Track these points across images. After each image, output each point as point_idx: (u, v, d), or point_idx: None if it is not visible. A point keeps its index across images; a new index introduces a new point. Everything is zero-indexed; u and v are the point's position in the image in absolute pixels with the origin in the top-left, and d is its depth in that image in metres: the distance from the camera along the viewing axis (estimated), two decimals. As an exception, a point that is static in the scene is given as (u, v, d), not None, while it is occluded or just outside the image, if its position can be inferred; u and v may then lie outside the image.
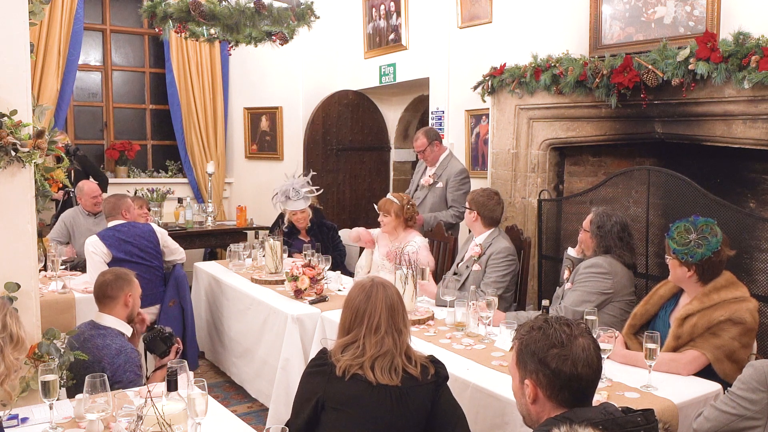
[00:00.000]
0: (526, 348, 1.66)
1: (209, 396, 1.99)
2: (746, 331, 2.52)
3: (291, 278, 3.74)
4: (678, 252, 2.60)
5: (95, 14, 6.81)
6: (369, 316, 2.15)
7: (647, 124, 3.83)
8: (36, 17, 2.71)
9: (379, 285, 2.21)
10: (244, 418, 2.47)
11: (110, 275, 2.92)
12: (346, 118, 7.05)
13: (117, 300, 2.85)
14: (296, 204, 4.82)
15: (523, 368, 1.67)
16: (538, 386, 1.64)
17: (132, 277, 2.95)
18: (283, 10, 4.50)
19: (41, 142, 2.50)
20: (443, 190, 4.72)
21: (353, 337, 2.15)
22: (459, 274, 3.84)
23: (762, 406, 1.99)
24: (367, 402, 2.07)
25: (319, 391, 2.10)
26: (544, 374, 1.62)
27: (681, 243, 2.61)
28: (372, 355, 2.10)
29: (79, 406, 2.11)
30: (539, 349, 1.64)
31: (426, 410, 2.13)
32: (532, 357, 1.65)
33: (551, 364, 1.62)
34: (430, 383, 2.13)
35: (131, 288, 2.90)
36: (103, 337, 2.74)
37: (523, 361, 1.67)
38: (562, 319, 1.70)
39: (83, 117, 6.90)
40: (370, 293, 2.18)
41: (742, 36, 3.19)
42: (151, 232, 4.15)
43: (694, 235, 2.60)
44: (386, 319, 2.14)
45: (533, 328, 1.69)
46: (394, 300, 2.19)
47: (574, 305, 3.03)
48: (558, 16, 4.38)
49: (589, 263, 3.14)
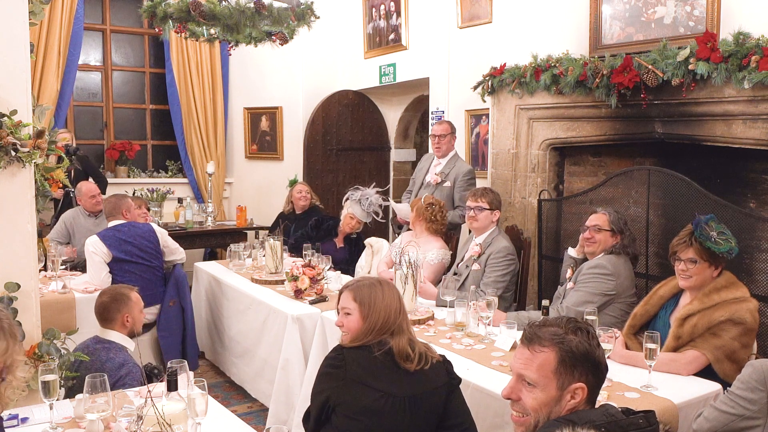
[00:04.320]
0: (576, 350, 1.58)
1: (209, 396, 1.99)
2: (746, 332, 2.52)
3: (291, 278, 3.74)
4: (720, 250, 2.57)
5: (95, 14, 6.82)
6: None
7: (647, 124, 3.83)
8: (36, 17, 2.71)
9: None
10: (244, 418, 2.47)
11: (107, 297, 2.97)
12: (346, 118, 7.05)
13: (116, 321, 2.92)
14: (359, 212, 4.88)
15: (570, 374, 1.58)
16: (588, 388, 1.59)
17: (130, 295, 2.98)
18: (283, 10, 4.50)
19: (41, 142, 2.50)
20: (451, 189, 4.71)
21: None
22: (459, 274, 3.84)
23: (761, 406, 1.99)
24: (380, 412, 2.06)
25: (330, 394, 2.10)
26: (594, 374, 1.59)
27: (717, 240, 2.58)
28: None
29: (79, 406, 2.11)
30: (588, 350, 1.59)
31: (437, 414, 2.14)
32: (584, 359, 1.59)
33: (602, 362, 1.61)
34: (442, 388, 2.15)
35: (128, 308, 2.94)
36: (107, 350, 2.82)
37: (572, 366, 1.58)
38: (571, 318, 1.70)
39: (83, 117, 6.90)
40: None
41: (742, 36, 3.19)
42: (151, 232, 4.15)
43: (716, 232, 2.61)
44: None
45: (569, 331, 1.61)
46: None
47: (576, 305, 3.03)
48: (558, 16, 4.38)
49: (592, 264, 3.14)
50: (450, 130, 4.79)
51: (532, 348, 1.63)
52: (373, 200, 4.84)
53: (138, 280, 4.00)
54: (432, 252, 4.06)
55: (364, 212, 4.85)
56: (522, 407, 1.63)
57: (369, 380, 2.07)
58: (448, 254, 4.16)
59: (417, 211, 4.14)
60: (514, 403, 1.66)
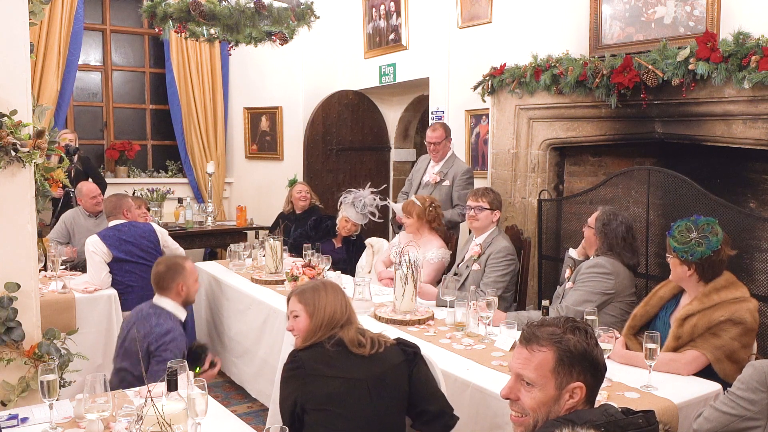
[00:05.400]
0: (575, 349, 1.59)
1: (209, 396, 1.99)
2: (746, 332, 2.52)
3: (291, 278, 3.74)
4: (678, 250, 2.61)
5: (95, 14, 6.82)
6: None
7: (647, 124, 3.83)
8: (36, 17, 2.71)
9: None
10: (244, 418, 2.47)
11: (162, 266, 3.10)
12: (346, 118, 7.05)
13: (170, 289, 3.06)
14: (353, 214, 4.84)
15: (569, 374, 1.59)
16: (587, 387, 1.60)
17: (185, 265, 3.11)
18: (283, 10, 4.50)
19: (41, 142, 2.50)
20: (449, 188, 4.71)
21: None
22: (459, 274, 3.84)
23: (762, 407, 1.99)
24: (345, 397, 2.13)
25: (295, 396, 2.15)
26: (593, 374, 1.60)
27: (681, 241, 2.61)
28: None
29: (79, 406, 2.10)
30: (586, 349, 1.59)
31: (404, 391, 2.21)
32: (582, 358, 1.59)
33: (600, 361, 1.61)
34: (401, 365, 2.23)
35: (183, 277, 3.07)
36: (158, 316, 2.96)
37: (570, 365, 1.59)
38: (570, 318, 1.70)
39: (83, 117, 6.91)
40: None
41: (742, 36, 3.19)
42: (151, 231, 4.16)
43: (695, 234, 2.60)
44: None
45: (566, 330, 1.62)
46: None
47: (575, 305, 3.03)
48: (558, 16, 4.38)
49: (591, 263, 3.13)
50: (445, 135, 4.77)
51: (530, 348, 1.63)
52: (367, 201, 4.81)
53: (138, 280, 4.01)
54: (431, 251, 4.06)
55: (358, 214, 4.82)
56: (521, 407, 1.64)
57: (327, 371, 2.16)
58: (447, 253, 4.15)
59: (418, 215, 4.10)
60: (513, 403, 1.66)
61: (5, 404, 2.55)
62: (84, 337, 3.30)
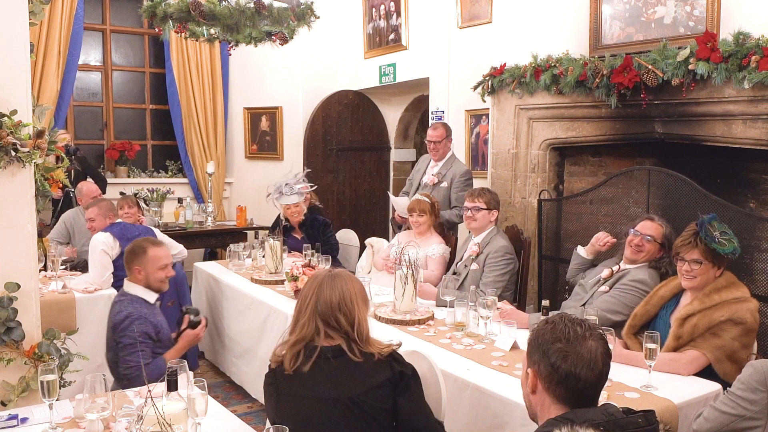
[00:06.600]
0: (534, 339, 1.69)
1: (209, 396, 1.99)
2: (747, 332, 2.52)
3: (291, 278, 3.74)
4: (728, 252, 2.57)
5: (95, 14, 6.82)
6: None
7: (647, 124, 3.83)
8: (36, 17, 2.71)
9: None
10: (244, 418, 2.48)
11: (128, 248, 3.14)
12: (346, 118, 7.05)
13: (131, 271, 3.08)
14: (289, 198, 4.90)
15: (530, 358, 1.70)
16: (538, 377, 1.66)
17: (147, 250, 3.07)
18: (283, 10, 4.50)
19: (41, 142, 2.50)
20: (448, 189, 4.71)
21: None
22: (458, 274, 3.84)
23: (762, 407, 1.99)
24: (317, 419, 1.98)
25: (273, 415, 2.07)
26: (545, 366, 1.64)
27: (723, 242, 2.58)
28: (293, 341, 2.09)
29: (79, 406, 2.11)
30: (545, 341, 1.66)
31: (387, 413, 2.01)
32: (537, 348, 1.67)
33: (551, 358, 1.63)
34: (381, 386, 2.00)
35: (141, 262, 3.05)
36: (121, 302, 3.01)
37: (531, 350, 1.70)
38: (577, 320, 1.70)
39: (83, 117, 6.90)
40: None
41: (742, 36, 3.19)
42: (148, 229, 4.20)
43: (719, 232, 2.60)
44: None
45: (547, 322, 1.71)
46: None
47: (606, 311, 2.98)
48: (558, 16, 4.38)
49: (638, 277, 3.05)
50: (445, 135, 4.78)
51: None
52: (291, 182, 4.87)
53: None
54: (432, 247, 4.11)
55: (293, 195, 4.86)
56: None
57: (300, 389, 2.02)
58: (447, 249, 4.21)
59: (430, 212, 4.15)
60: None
61: (5, 404, 2.55)
62: (84, 337, 3.29)
